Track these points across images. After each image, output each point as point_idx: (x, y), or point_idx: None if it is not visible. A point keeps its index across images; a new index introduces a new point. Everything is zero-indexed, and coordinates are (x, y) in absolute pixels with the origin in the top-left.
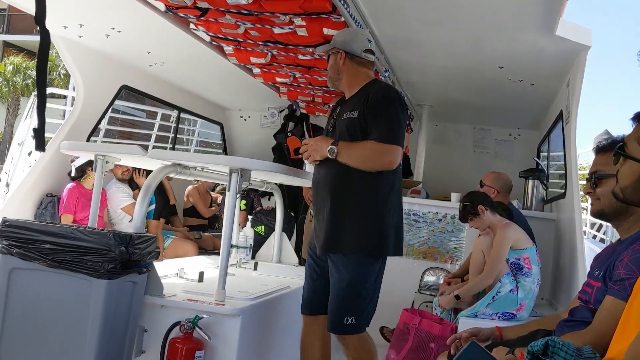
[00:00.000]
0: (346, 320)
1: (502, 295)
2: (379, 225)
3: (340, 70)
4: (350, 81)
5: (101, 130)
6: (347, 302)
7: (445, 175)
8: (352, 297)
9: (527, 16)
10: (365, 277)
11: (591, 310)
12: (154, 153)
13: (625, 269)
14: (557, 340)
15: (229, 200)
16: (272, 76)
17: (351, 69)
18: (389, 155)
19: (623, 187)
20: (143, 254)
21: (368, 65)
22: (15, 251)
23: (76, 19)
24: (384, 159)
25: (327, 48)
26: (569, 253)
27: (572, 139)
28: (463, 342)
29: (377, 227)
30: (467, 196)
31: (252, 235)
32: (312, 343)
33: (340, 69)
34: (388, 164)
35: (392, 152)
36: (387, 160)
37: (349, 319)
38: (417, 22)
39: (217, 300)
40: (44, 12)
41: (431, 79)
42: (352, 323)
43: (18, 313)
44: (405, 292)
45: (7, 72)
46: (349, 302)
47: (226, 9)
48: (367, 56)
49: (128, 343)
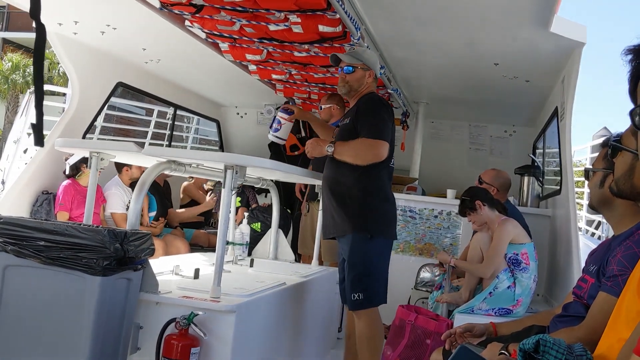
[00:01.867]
0: (353, 297)
1: (499, 291)
2: (369, 208)
3: (362, 85)
4: (360, 95)
5: (97, 128)
6: (354, 279)
7: (441, 172)
8: (357, 275)
9: (522, 13)
10: (364, 255)
11: (585, 305)
12: (149, 150)
13: (618, 265)
14: (548, 338)
15: (224, 197)
16: (268, 73)
17: (369, 83)
18: (376, 148)
19: (617, 179)
20: (138, 251)
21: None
22: (9, 248)
23: (71, 16)
24: (372, 151)
25: (355, 62)
26: (565, 249)
27: (567, 136)
28: (457, 338)
29: (367, 210)
30: (467, 191)
31: (248, 232)
32: (352, 331)
33: (363, 84)
34: (376, 156)
35: (378, 146)
36: (375, 152)
37: (356, 295)
38: (412, 19)
39: (212, 297)
40: (38, 7)
41: (427, 76)
42: (360, 299)
43: (12, 310)
44: (401, 289)
45: (6, 69)
46: (355, 279)
47: (221, 5)
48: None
49: (123, 340)
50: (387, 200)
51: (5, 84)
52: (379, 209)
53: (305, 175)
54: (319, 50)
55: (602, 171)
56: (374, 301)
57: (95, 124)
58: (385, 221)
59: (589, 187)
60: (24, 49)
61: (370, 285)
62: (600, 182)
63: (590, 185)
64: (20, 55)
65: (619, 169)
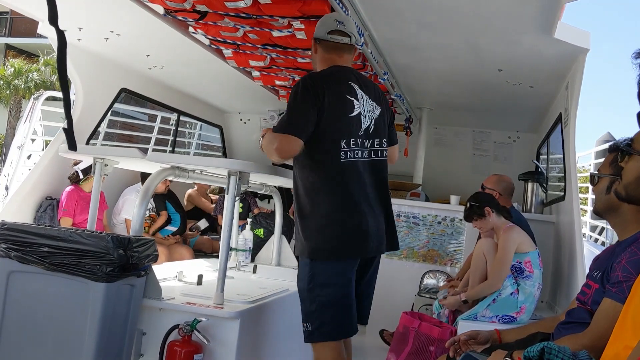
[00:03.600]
0: (304, 327)
1: (502, 298)
2: (305, 225)
3: (314, 60)
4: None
5: (100, 134)
6: (302, 307)
7: (444, 178)
8: (302, 302)
9: (526, 19)
10: (302, 281)
11: (589, 311)
12: (153, 156)
13: (622, 271)
14: (553, 346)
15: (228, 203)
16: (271, 79)
17: (321, 56)
18: (275, 143)
19: (627, 184)
20: (141, 257)
21: (336, 49)
22: (13, 254)
23: (75, 23)
24: (272, 147)
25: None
26: (569, 256)
27: (572, 142)
28: (462, 345)
29: (304, 228)
30: (474, 197)
31: (251, 238)
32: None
33: (313, 58)
34: (277, 152)
35: (278, 141)
36: (273, 148)
37: (304, 326)
38: (416, 25)
39: (215, 303)
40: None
41: (430, 82)
42: (307, 330)
43: (16, 316)
44: (404, 295)
45: (9, 74)
46: (302, 307)
47: (225, 12)
48: (333, 37)
49: (126, 346)
50: (336, 209)
51: (8, 90)
52: (318, 223)
53: None
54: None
55: (609, 177)
56: (319, 334)
57: (98, 130)
58: (325, 238)
59: (595, 192)
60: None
61: (313, 312)
62: (607, 187)
63: (596, 191)
64: (23, 61)
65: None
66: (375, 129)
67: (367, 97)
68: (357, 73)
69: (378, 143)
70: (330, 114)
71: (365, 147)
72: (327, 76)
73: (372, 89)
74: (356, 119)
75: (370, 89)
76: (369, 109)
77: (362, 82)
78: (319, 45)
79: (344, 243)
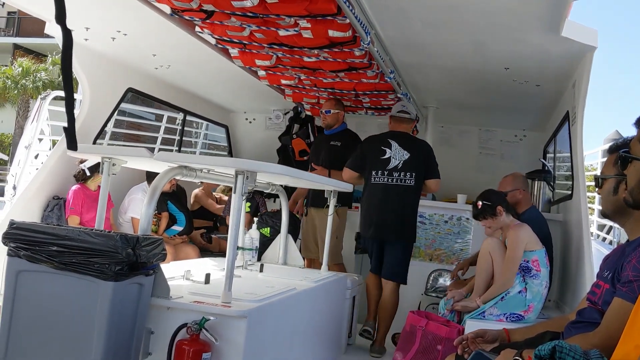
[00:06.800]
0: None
1: (510, 296)
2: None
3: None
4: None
5: (107, 133)
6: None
7: (451, 177)
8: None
9: (533, 17)
10: None
11: (599, 311)
12: (161, 155)
13: (633, 270)
14: (564, 344)
15: (235, 202)
16: (277, 78)
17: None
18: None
19: (631, 189)
20: (150, 256)
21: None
22: (22, 253)
23: (82, 22)
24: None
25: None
26: (576, 254)
27: (579, 140)
28: (470, 344)
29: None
30: (485, 196)
31: (257, 237)
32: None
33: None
34: (345, 178)
35: (343, 171)
36: (342, 175)
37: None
38: (422, 24)
39: (223, 302)
40: (64, 12)
41: (436, 81)
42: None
43: (25, 315)
44: (411, 294)
45: (16, 74)
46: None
47: (231, 11)
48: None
49: (134, 345)
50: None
51: (16, 89)
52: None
53: (315, 181)
54: (329, 55)
55: (614, 178)
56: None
57: (105, 130)
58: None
59: (601, 195)
60: (34, 54)
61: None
62: (614, 188)
63: (603, 193)
64: (30, 61)
65: (632, 178)
66: (402, 166)
67: (400, 147)
68: (400, 134)
69: (403, 174)
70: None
71: (393, 176)
72: (372, 137)
73: (405, 142)
74: (386, 160)
75: (404, 142)
76: (399, 155)
77: (400, 139)
78: (391, 119)
79: (362, 228)
